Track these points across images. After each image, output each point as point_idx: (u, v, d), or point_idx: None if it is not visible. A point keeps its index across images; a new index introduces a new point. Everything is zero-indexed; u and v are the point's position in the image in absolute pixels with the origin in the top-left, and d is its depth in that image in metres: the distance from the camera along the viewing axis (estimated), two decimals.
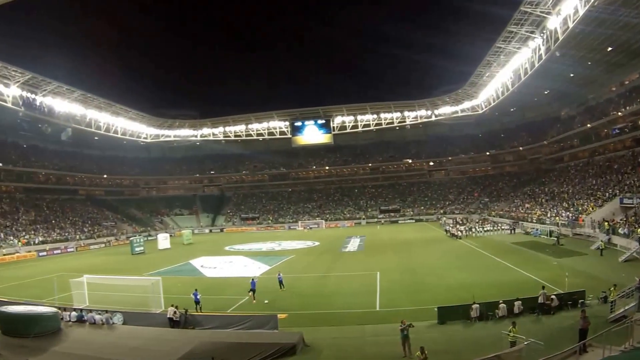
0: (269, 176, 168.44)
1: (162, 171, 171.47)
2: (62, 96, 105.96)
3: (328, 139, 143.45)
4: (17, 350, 29.35)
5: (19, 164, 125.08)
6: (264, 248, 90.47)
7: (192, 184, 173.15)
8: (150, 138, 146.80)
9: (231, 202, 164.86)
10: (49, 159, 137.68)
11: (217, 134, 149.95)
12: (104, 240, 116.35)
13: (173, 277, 56.63)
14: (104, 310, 36.41)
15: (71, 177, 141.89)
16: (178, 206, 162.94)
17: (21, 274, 68.18)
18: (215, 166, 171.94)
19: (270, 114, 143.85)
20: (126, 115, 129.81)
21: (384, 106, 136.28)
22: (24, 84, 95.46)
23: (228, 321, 33.96)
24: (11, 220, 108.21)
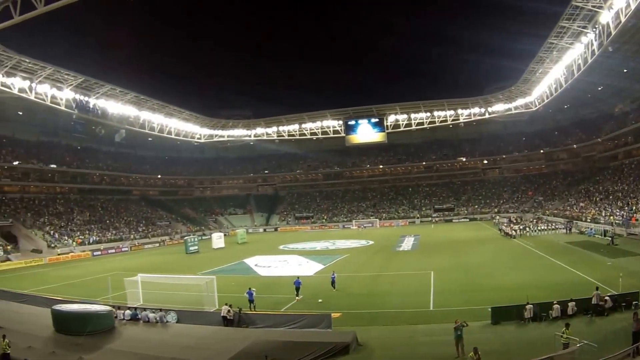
0: (323, 175, 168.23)
1: (216, 171, 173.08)
2: (115, 98, 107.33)
3: (382, 137, 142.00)
4: (71, 348, 29.61)
5: (73, 165, 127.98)
6: (318, 247, 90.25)
7: (246, 183, 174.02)
8: (204, 138, 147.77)
9: (285, 201, 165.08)
10: (103, 160, 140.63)
11: (270, 134, 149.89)
12: (158, 240, 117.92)
13: (227, 276, 56.72)
14: (158, 309, 36.63)
15: (125, 178, 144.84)
16: (232, 206, 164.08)
17: (75, 273, 69.45)
18: (269, 166, 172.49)
19: (324, 113, 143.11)
20: (180, 116, 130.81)
21: (437, 104, 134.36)
22: (77, 87, 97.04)
23: (282, 320, 33.75)
24: (66, 220, 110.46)
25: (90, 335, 31.75)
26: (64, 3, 50.89)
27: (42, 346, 30.22)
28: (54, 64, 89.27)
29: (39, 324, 35.61)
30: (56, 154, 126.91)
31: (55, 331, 33.64)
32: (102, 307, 36.24)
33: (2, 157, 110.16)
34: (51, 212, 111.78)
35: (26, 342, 30.12)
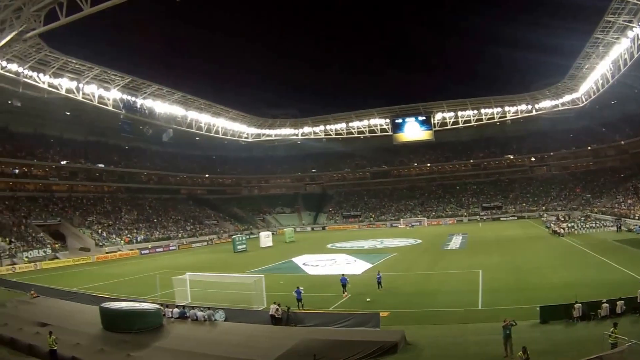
0: (371, 174, 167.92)
1: (263, 170, 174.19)
2: (162, 98, 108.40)
3: (429, 135, 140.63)
4: (119, 345, 29.78)
5: (121, 165, 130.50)
6: (366, 246, 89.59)
7: (294, 182, 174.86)
8: (251, 138, 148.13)
9: (333, 200, 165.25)
10: (151, 160, 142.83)
11: (318, 133, 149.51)
12: (206, 239, 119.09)
13: (275, 275, 56.62)
14: (207, 307, 36.59)
15: (173, 177, 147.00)
16: (280, 204, 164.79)
17: (123, 272, 70.41)
18: (316, 164, 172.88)
19: (371, 112, 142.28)
20: (227, 116, 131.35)
21: (484, 101, 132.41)
22: (124, 87, 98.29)
23: (330, 319, 33.45)
24: (114, 219, 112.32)
25: (139, 333, 31.89)
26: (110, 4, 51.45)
27: (90, 343, 30.36)
28: (101, 65, 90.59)
29: (87, 321, 35.88)
30: (104, 153, 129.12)
31: (104, 329, 33.84)
32: (150, 305, 36.28)
33: (51, 156, 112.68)
34: (99, 211, 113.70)
35: (74, 339, 30.35)
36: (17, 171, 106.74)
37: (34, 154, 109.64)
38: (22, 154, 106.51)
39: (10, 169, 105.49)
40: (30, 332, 32.75)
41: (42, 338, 29.93)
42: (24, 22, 58.61)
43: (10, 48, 71.38)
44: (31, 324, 34.84)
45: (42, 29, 59.52)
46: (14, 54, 76.59)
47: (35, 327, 33.96)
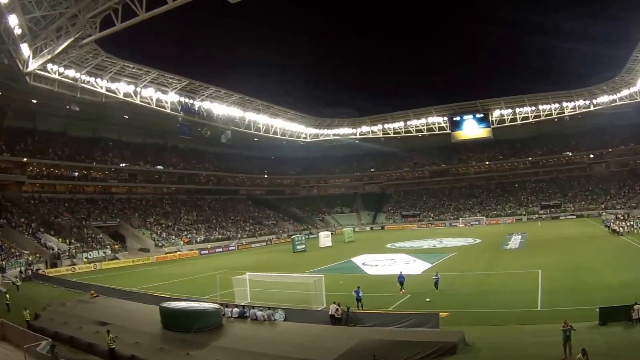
0: (429, 172, 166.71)
1: (322, 170, 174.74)
2: (220, 100, 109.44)
3: (487, 133, 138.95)
4: (178, 344, 29.92)
5: (179, 167, 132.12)
6: (425, 245, 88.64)
7: (352, 182, 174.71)
8: (309, 138, 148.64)
9: (392, 199, 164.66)
10: (210, 161, 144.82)
11: (376, 132, 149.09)
12: (266, 239, 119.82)
13: (334, 275, 56.44)
14: (266, 307, 36.54)
15: (232, 178, 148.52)
16: (339, 204, 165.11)
17: (183, 272, 71.32)
18: (375, 164, 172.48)
19: (429, 110, 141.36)
20: (285, 116, 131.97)
21: (541, 97, 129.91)
22: (181, 90, 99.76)
23: (389, 319, 33.09)
24: (173, 220, 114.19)
25: (198, 332, 31.91)
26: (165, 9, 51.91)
27: (149, 342, 30.61)
28: (158, 68, 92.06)
29: (147, 320, 36.18)
30: (162, 155, 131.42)
31: (163, 328, 34.09)
32: (210, 305, 36.45)
33: (110, 159, 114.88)
34: (158, 212, 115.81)
35: (134, 338, 30.64)
36: (77, 174, 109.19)
37: (92, 157, 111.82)
38: (81, 157, 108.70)
39: (69, 172, 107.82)
40: (90, 330, 33.18)
41: (101, 337, 30.26)
42: (80, 29, 59.77)
43: (67, 54, 73.03)
44: (91, 323, 35.28)
45: (97, 35, 60.58)
46: (71, 60, 78.26)
47: (94, 326, 34.36)
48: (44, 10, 59.25)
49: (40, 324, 36.37)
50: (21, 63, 69.24)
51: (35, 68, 70.82)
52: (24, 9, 57.54)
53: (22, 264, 70.31)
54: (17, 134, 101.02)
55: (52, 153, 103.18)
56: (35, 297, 50.65)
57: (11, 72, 73.13)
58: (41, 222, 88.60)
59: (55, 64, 76.16)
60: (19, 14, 56.89)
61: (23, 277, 65.22)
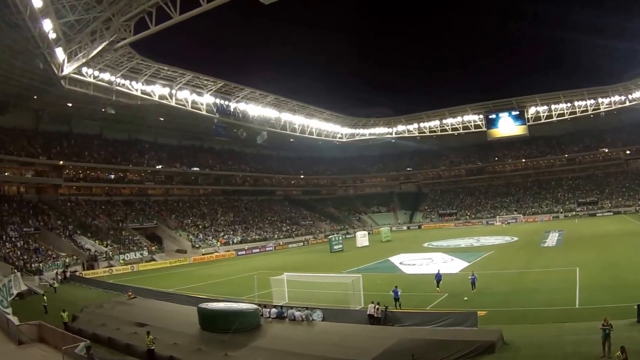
0: (466, 171, 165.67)
1: (358, 170, 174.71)
2: (255, 101, 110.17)
3: (523, 130, 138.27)
4: (216, 345, 29.99)
5: (216, 168, 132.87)
6: (463, 244, 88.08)
7: (388, 181, 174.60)
8: (345, 138, 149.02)
9: (428, 198, 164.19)
10: (246, 162, 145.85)
11: (412, 131, 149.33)
12: (302, 239, 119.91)
13: (372, 274, 56.11)
14: (304, 307, 36.52)
15: (268, 179, 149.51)
16: (375, 204, 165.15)
17: (220, 272, 71.65)
18: (411, 163, 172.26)
19: (464, 108, 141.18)
20: (320, 116, 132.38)
21: (577, 94, 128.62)
22: (216, 92, 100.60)
23: (427, 318, 33.03)
24: (210, 221, 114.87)
25: (236, 332, 31.95)
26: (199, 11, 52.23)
27: (187, 343, 30.77)
28: (193, 70, 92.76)
29: (185, 321, 36.33)
30: (198, 157, 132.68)
31: (201, 329, 34.24)
32: (248, 306, 36.48)
33: (146, 161, 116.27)
34: (195, 213, 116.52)
35: (172, 339, 30.84)
36: (113, 176, 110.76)
37: (129, 159, 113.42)
38: (117, 159, 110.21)
39: (105, 175, 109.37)
40: (128, 332, 33.46)
41: (139, 338, 30.56)
42: (114, 32, 60.47)
43: (102, 58, 74.01)
44: (129, 324, 35.58)
45: (132, 39, 61.32)
46: (106, 63, 79.34)
47: (132, 327, 34.64)
48: (77, 15, 60.09)
49: (78, 326, 36.75)
50: (56, 67, 70.25)
51: (70, 72, 71.84)
52: (58, 13, 58.35)
53: (59, 266, 71.19)
54: (53, 137, 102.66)
55: (88, 156, 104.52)
56: (72, 299, 51.35)
57: (46, 76, 74.47)
58: (78, 225, 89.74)
59: (90, 67, 77.22)
60: (53, 19, 57.68)
61: (60, 279, 66.05)
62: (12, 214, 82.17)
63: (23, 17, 53.36)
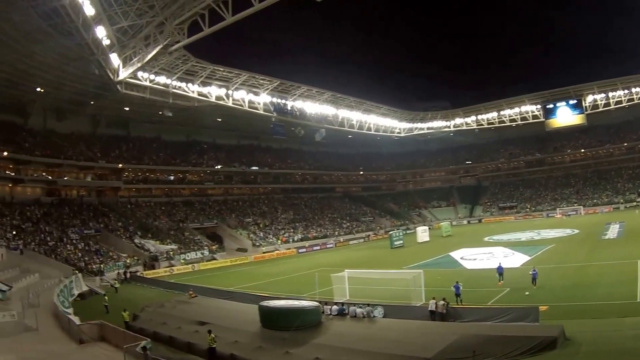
0: (525, 163, 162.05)
1: (417, 164, 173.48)
2: (312, 99, 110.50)
3: (581, 119, 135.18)
4: (277, 342, 30.05)
5: (275, 167, 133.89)
6: (523, 238, 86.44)
7: (448, 175, 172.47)
8: (403, 132, 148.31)
9: (488, 191, 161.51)
10: (305, 160, 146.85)
11: (470, 123, 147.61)
12: (363, 235, 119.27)
13: (433, 270, 55.70)
14: (366, 304, 36.45)
15: (327, 176, 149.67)
16: (435, 198, 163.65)
17: (281, 270, 71.98)
18: (470, 156, 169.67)
19: (521, 98, 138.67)
20: (378, 112, 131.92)
21: (634, 80, 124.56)
22: (273, 91, 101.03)
23: (488, 314, 32.73)
24: (270, 219, 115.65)
25: (298, 330, 32.02)
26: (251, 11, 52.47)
27: (248, 341, 30.95)
28: (249, 70, 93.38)
29: (246, 319, 36.54)
30: (257, 156, 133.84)
31: (262, 327, 34.42)
32: (309, 303, 36.69)
33: (205, 162, 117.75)
34: (255, 212, 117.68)
35: (233, 337, 31.01)
36: (173, 178, 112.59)
37: (188, 160, 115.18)
38: (176, 161, 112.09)
39: (165, 176, 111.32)
40: (189, 330, 33.86)
41: (200, 336, 30.90)
42: (168, 36, 61.41)
43: (157, 61, 75.13)
44: (190, 323, 35.99)
45: (186, 41, 62.17)
46: (161, 66, 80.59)
47: (193, 325, 35.04)
48: (130, 20, 61.22)
49: (139, 325, 37.41)
50: (112, 72, 71.64)
51: (125, 77, 73.35)
52: (111, 19, 59.63)
53: (120, 267, 72.68)
54: (111, 141, 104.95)
55: (147, 158, 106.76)
56: (133, 298, 52.31)
57: (102, 81, 76.22)
58: (138, 226, 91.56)
59: (146, 71, 78.58)
60: (106, 25, 58.96)
61: (121, 279, 67.26)
62: (72, 217, 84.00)
63: (76, 25, 54.67)
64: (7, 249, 58.35)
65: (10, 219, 71.82)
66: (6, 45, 61.82)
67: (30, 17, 54.42)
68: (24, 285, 48.56)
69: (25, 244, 65.60)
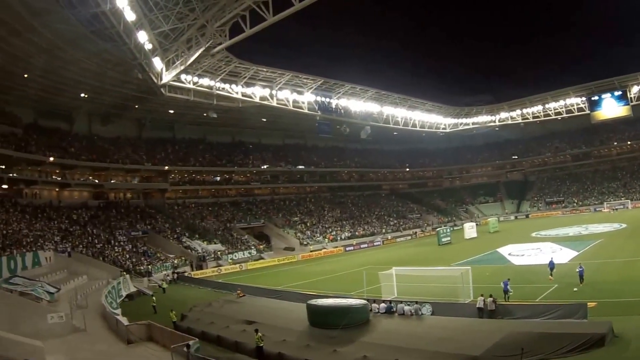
0: (571, 156, 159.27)
1: (463, 160, 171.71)
2: (356, 96, 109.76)
3: (627, 111, 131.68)
4: (325, 341, 30.23)
5: (321, 165, 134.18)
6: (571, 233, 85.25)
7: (494, 170, 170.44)
8: (449, 128, 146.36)
9: (535, 186, 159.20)
10: (351, 158, 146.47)
11: (515, 117, 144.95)
12: (410, 233, 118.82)
13: (480, 266, 55.37)
14: (414, 301, 36.35)
15: (374, 173, 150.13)
16: (482, 194, 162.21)
17: (329, 269, 72.04)
18: (516, 150, 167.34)
19: (566, 91, 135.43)
20: (422, 108, 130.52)
21: None
22: (317, 89, 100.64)
23: (536, 311, 32.42)
24: (317, 218, 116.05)
25: (345, 328, 32.11)
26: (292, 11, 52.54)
27: (296, 339, 31.18)
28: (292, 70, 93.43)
29: (294, 318, 36.86)
30: (303, 155, 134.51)
31: (310, 325, 34.65)
32: (357, 301, 36.77)
33: (251, 162, 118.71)
34: (302, 211, 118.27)
35: (280, 336, 31.28)
36: (219, 178, 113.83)
37: (233, 161, 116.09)
38: (222, 162, 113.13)
39: (211, 177, 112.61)
40: (237, 329, 34.21)
41: (248, 335, 31.21)
42: (210, 38, 61.79)
43: (200, 64, 75.53)
44: (237, 322, 36.38)
45: (228, 43, 62.40)
46: (204, 69, 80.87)
47: (241, 324, 35.42)
48: (171, 24, 61.88)
49: (187, 324, 37.92)
50: (155, 76, 72.44)
51: (169, 80, 73.97)
52: (152, 24, 60.31)
53: (168, 268, 73.68)
54: (157, 143, 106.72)
55: (193, 160, 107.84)
56: (181, 298, 53.02)
57: (146, 85, 77.29)
58: (185, 227, 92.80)
59: (189, 74, 78.93)
60: (148, 30, 59.58)
61: (169, 280, 68.34)
62: (120, 219, 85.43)
63: (117, 31, 55.43)
64: (55, 252, 59.39)
65: (58, 222, 73.12)
66: (50, 54, 63.38)
67: (72, 24, 55.56)
68: (72, 287, 49.66)
69: (73, 246, 66.74)
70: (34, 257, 50.84)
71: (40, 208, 75.11)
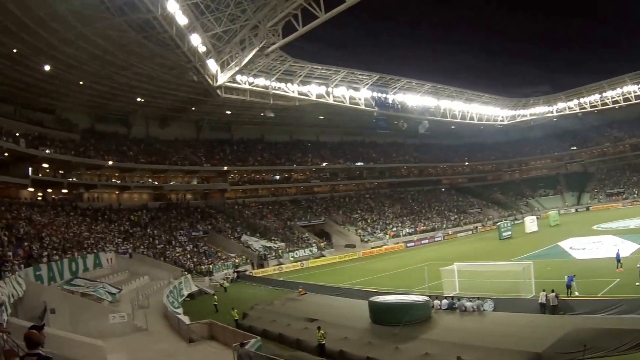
0: (630, 146, 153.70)
1: (522, 152, 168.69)
2: (412, 91, 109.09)
3: None
4: (387, 338, 30.37)
5: (379, 161, 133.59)
6: (632, 225, 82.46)
7: (553, 162, 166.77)
8: (506, 120, 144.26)
9: (595, 177, 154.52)
10: (409, 153, 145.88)
11: (572, 107, 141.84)
12: (471, 227, 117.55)
13: (542, 261, 54.51)
14: (475, 297, 36.50)
15: (433, 168, 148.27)
16: (542, 187, 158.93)
17: (390, 265, 71.62)
18: (574, 141, 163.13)
19: (623, 79, 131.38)
20: (479, 101, 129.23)
21: None
22: (373, 85, 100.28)
23: (599, 306, 32.27)
24: (377, 214, 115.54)
25: (407, 325, 32.20)
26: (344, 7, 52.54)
27: (357, 337, 31.34)
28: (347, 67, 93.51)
29: (355, 315, 37.11)
30: (361, 152, 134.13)
31: (372, 322, 34.89)
32: (419, 298, 36.90)
33: (310, 160, 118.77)
34: (362, 207, 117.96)
35: (342, 334, 31.53)
36: (278, 177, 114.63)
37: (292, 159, 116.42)
38: (280, 161, 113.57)
39: (271, 176, 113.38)
40: (298, 327, 34.64)
41: (310, 333, 31.53)
42: (263, 38, 62.24)
43: (254, 64, 76.09)
44: (299, 320, 36.85)
45: (281, 42, 62.61)
46: (259, 69, 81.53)
47: (303, 322, 35.82)
48: (224, 26, 62.57)
49: (249, 323, 38.47)
50: (210, 78, 73.19)
51: (224, 81, 74.75)
52: (204, 27, 61.16)
53: (229, 267, 74.63)
54: (215, 144, 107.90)
55: (252, 159, 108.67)
56: (242, 297, 53.86)
57: (202, 87, 78.22)
58: (246, 226, 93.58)
59: (244, 74, 79.61)
60: (201, 33, 60.40)
61: (230, 279, 69.10)
62: (180, 220, 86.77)
63: (170, 35, 56.14)
64: (116, 254, 60.58)
65: (118, 224, 74.50)
66: (104, 60, 64.66)
67: (124, 31, 56.72)
68: (134, 287, 50.77)
69: (134, 247, 67.95)
70: (95, 259, 51.91)
71: (101, 211, 76.70)
